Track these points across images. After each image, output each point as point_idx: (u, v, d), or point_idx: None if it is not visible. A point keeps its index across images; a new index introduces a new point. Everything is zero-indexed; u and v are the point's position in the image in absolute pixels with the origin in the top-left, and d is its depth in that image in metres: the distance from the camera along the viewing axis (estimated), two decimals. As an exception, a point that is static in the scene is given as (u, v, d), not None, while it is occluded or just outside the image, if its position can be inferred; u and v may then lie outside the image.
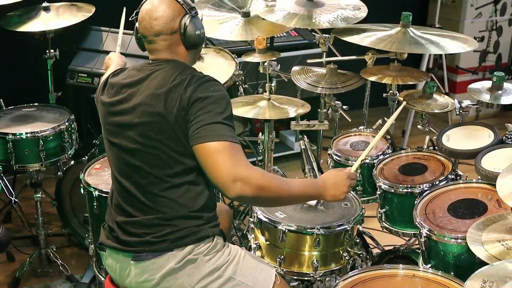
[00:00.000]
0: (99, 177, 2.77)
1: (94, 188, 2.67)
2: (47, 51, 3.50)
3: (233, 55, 3.24)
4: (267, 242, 2.42)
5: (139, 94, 2.01)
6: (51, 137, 3.09)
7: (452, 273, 2.10)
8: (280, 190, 1.92)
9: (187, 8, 2.05)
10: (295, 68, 3.03)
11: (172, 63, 2.05)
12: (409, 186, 2.58)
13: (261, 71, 3.00)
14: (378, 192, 2.66)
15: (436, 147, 2.81)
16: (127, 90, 2.05)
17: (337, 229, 2.33)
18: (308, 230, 2.31)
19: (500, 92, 2.70)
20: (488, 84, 2.75)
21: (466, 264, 2.10)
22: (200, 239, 2.00)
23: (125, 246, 2.04)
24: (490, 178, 2.32)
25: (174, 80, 1.97)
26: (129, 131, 2.01)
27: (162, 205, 2.00)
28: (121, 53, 3.64)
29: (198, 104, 1.92)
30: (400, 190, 2.58)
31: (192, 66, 2.10)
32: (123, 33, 3.78)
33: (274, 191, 1.90)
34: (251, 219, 2.49)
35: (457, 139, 2.67)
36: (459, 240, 2.13)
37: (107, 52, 3.72)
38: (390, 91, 2.96)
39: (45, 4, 3.42)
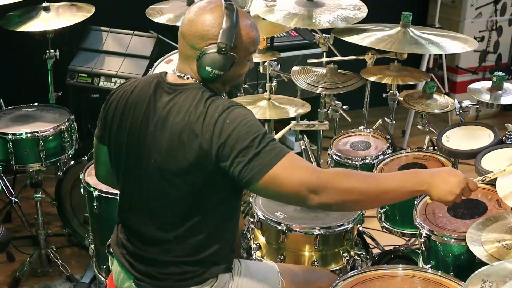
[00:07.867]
0: (99, 177, 2.76)
1: (94, 188, 2.66)
2: (47, 51, 3.49)
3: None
4: (267, 242, 2.42)
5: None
6: (51, 137, 3.09)
7: (452, 273, 2.10)
8: (366, 188, 1.70)
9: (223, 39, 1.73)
10: (295, 68, 3.03)
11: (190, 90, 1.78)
12: (409, 186, 2.57)
13: (261, 71, 3.01)
14: (378, 192, 2.65)
15: (436, 147, 2.80)
16: None
17: (337, 229, 2.33)
18: (308, 230, 2.31)
19: (500, 92, 2.70)
20: (488, 84, 2.75)
21: (466, 264, 2.10)
22: (203, 280, 1.89)
23: (130, 266, 1.94)
24: (490, 178, 2.32)
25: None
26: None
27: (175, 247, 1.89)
28: (121, 53, 3.69)
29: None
30: (400, 190, 2.57)
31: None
32: (123, 33, 3.81)
33: (358, 191, 1.69)
34: (251, 219, 2.49)
35: (457, 139, 2.67)
36: (459, 240, 2.13)
37: (107, 52, 3.75)
38: (390, 91, 2.96)
39: (45, 4, 3.41)
